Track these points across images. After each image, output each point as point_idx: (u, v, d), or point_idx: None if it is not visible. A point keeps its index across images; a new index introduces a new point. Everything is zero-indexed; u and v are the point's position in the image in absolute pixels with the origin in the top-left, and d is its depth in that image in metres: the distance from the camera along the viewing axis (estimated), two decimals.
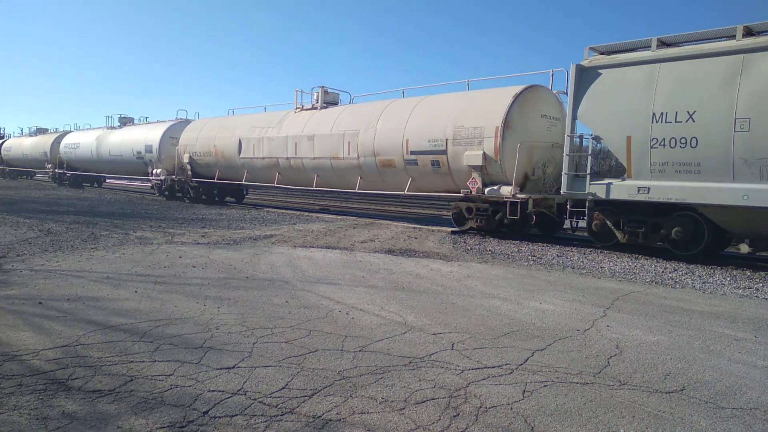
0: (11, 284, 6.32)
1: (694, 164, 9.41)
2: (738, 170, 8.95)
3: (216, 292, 6.26)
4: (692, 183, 9.42)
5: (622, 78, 10.33)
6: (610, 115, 10.40)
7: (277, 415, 3.20)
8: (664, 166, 9.74)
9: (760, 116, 8.66)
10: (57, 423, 3.02)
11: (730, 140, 8.94)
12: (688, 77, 9.47)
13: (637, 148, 10.02)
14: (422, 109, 14.02)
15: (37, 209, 16.08)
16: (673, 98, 9.60)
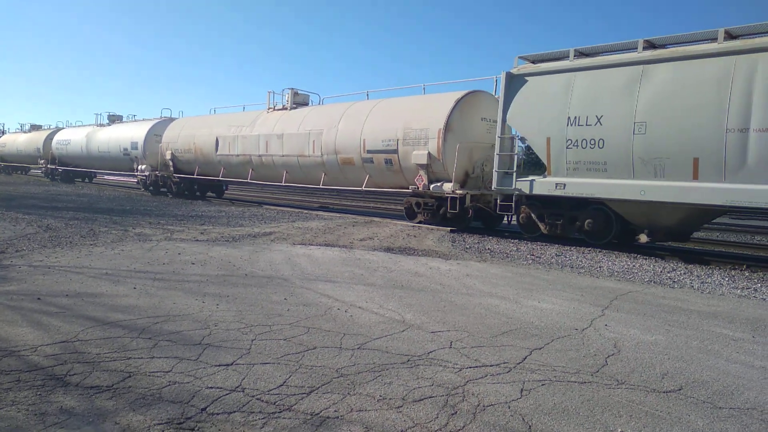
0: (10, 280, 6.32)
1: (601, 163, 10.51)
2: (637, 168, 10.04)
3: (215, 289, 6.27)
4: (600, 180, 10.53)
5: (544, 85, 11.42)
6: (534, 118, 11.49)
7: (275, 412, 3.20)
8: (578, 164, 10.83)
9: (654, 120, 9.75)
10: (55, 418, 3.02)
11: (630, 142, 10.04)
12: (597, 85, 10.59)
13: (555, 148, 11.10)
14: (378, 112, 15.13)
15: (36, 205, 16.07)
16: (585, 104, 10.67)
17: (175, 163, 22.47)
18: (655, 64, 9.95)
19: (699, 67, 9.45)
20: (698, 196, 9.36)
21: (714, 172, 9.21)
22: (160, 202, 20.07)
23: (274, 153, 17.76)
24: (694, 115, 9.36)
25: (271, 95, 19.16)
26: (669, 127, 9.64)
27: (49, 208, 15.44)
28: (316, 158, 16.37)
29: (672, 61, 9.80)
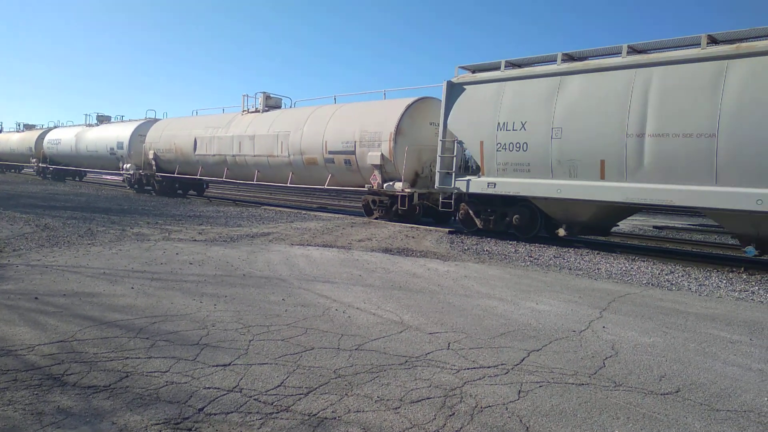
0: (7, 279, 6.31)
1: (525, 164, 11.58)
2: (554, 169, 11.12)
3: (213, 289, 6.26)
4: (525, 179, 11.62)
5: (479, 93, 12.52)
6: (470, 124, 12.56)
7: (273, 412, 3.20)
8: (506, 165, 11.91)
9: (568, 126, 10.84)
10: (52, 418, 3.02)
11: (549, 145, 11.12)
12: (523, 94, 11.68)
13: (487, 151, 12.18)
14: (339, 116, 16.29)
15: (33, 204, 16.04)
16: (512, 111, 11.76)
17: (158, 163, 23.47)
18: (570, 75, 11.04)
19: (606, 79, 10.54)
20: (604, 194, 10.46)
21: (617, 173, 10.26)
22: (158, 202, 20.05)
23: (247, 153, 18.81)
24: (601, 122, 10.42)
25: (246, 98, 20.23)
26: (580, 133, 10.70)
27: (46, 207, 15.41)
28: (283, 158, 17.46)
29: (584, 73, 10.88)
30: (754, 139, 8.75)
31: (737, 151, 8.93)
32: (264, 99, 19.91)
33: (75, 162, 30.82)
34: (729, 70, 9.11)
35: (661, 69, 9.90)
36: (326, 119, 16.37)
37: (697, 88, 9.39)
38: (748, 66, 8.98)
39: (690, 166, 9.43)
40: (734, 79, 9.03)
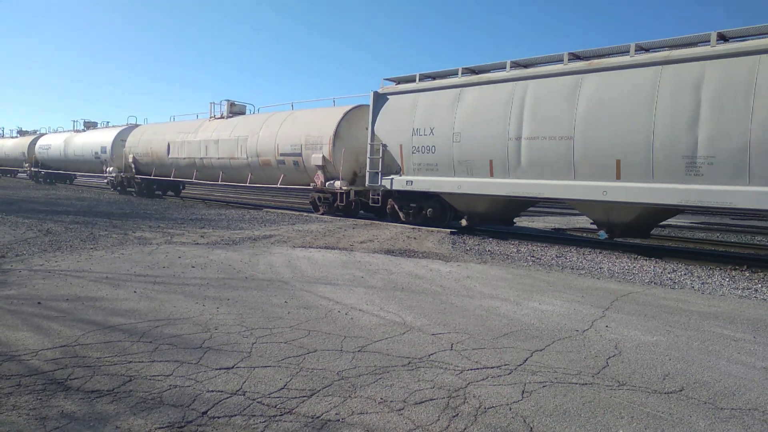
0: (10, 284, 6.32)
1: (434, 164, 13.34)
2: (456, 168, 12.87)
3: (215, 293, 6.26)
4: (434, 177, 13.38)
5: (399, 102, 14.23)
6: (392, 129, 14.26)
7: (276, 415, 3.20)
8: (420, 165, 13.67)
9: (465, 131, 12.57)
10: (56, 423, 3.02)
11: (451, 148, 12.87)
12: (432, 103, 13.37)
13: (405, 153, 13.96)
14: (289, 121, 17.95)
15: (35, 209, 16.07)
16: (424, 118, 13.48)
17: (137, 165, 25.39)
18: (468, 87, 12.75)
19: (494, 90, 12.22)
20: (492, 189, 12.25)
21: (502, 171, 12.03)
22: (160, 206, 20.08)
23: (212, 156, 20.66)
24: (489, 127, 12.10)
25: (212, 106, 22.19)
26: (475, 137, 12.40)
27: (48, 212, 15.44)
28: (243, 160, 19.24)
29: (479, 85, 12.59)
30: (598, 141, 10.46)
31: (587, 151, 10.63)
32: (228, 106, 21.74)
33: (64, 166, 32.53)
34: (583, 82, 10.77)
35: (534, 82, 11.57)
36: (278, 125, 18.12)
37: (560, 98, 11.03)
38: (596, 79, 10.63)
39: (555, 164, 11.10)
40: (586, 91, 10.69)
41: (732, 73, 9.12)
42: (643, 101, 9.96)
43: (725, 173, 9.11)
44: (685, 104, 9.48)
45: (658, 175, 9.82)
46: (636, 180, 10.09)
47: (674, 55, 9.84)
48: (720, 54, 9.32)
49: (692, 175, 9.45)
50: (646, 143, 9.86)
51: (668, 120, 9.64)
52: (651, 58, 10.14)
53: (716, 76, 9.25)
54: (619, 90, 10.31)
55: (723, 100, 9.14)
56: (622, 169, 10.20)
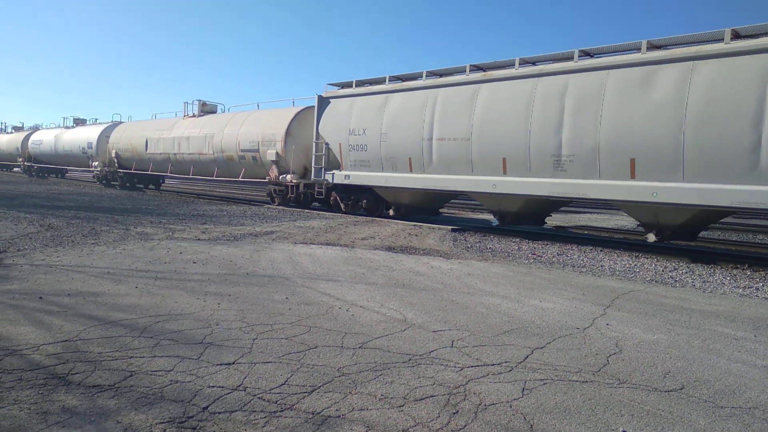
0: (12, 279, 6.33)
1: (367, 161, 14.99)
2: (384, 164, 14.55)
3: (216, 288, 6.27)
4: (367, 173, 15.05)
5: (339, 105, 15.89)
6: (333, 129, 15.95)
7: (277, 411, 3.20)
8: (356, 162, 15.32)
9: (391, 132, 14.24)
10: (57, 417, 3.03)
11: (379, 146, 14.51)
12: (365, 107, 15.03)
13: (344, 150, 15.60)
14: (249, 120, 19.60)
15: (37, 204, 16.09)
16: (359, 120, 15.04)
17: (119, 160, 27.26)
18: (393, 93, 14.45)
19: (413, 96, 13.86)
20: (411, 182, 13.99)
21: (419, 167, 13.69)
22: (161, 201, 20.12)
23: (184, 152, 22.28)
24: (409, 129, 13.76)
25: (186, 105, 23.97)
26: (398, 137, 14.06)
27: (50, 207, 15.45)
28: (210, 155, 20.96)
29: (401, 92, 14.24)
30: (489, 142, 12.14)
31: (481, 150, 12.33)
32: (200, 105, 23.61)
33: (55, 161, 34.32)
34: (479, 91, 12.42)
35: (443, 90, 13.20)
36: (240, 123, 19.86)
37: (461, 105, 12.66)
38: (489, 89, 12.27)
39: (458, 161, 12.79)
40: (481, 98, 12.30)
41: (587, 85, 10.72)
42: (522, 108, 11.60)
43: (582, 169, 10.76)
44: (553, 111, 11.13)
45: (534, 171, 11.49)
46: (518, 175, 11.79)
47: (547, 69, 11.52)
48: (580, 69, 10.93)
49: (558, 170, 11.10)
50: (525, 144, 11.53)
51: (540, 124, 11.28)
52: (530, 71, 11.78)
53: (576, 87, 10.87)
54: (505, 98, 11.99)
55: (580, 108, 10.74)
56: (508, 165, 11.94)
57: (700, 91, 9.36)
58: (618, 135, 10.22)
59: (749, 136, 8.85)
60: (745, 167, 8.92)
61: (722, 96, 9.15)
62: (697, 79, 9.41)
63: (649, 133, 9.87)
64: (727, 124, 9.07)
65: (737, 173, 9.03)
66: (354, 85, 15.78)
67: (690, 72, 9.52)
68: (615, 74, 10.40)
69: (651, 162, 9.90)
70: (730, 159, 9.08)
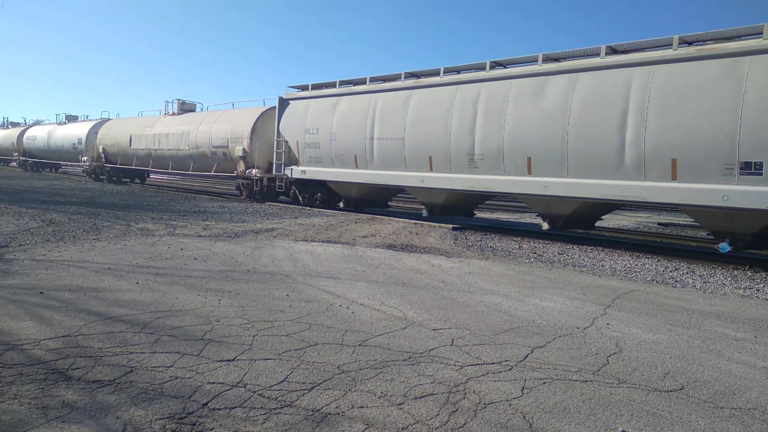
0: (13, 274, 6.34)
1: (320, 158, 16.42)
2: (334, 161, 15.98)
3: (217, 285, 6.28)
4: (321, 168, 16.53)
5: (297, 106, 17.31)
6: (292, 128, 17.31)
7: (277, 408, 3.21)
8: (311, 158, 16.75)
9: (339, 132, 15.66)
10: (57, 412, 3.03)
11: (330, 145, 15.96)
12: (318, 108, 16.48)
13: (300, 148, 16.99)
14: (222, 119, 21.05)
15: (39, 199, 16.11)
16: (313, 120, 16.49)
17: (106, 155, 28.71)
18: (341, 96, 15.90)
19: (358, 100, 15.34)
20: (357, 178, 15.38)
21: (363, 163, 15.09)
22: (163, 197, 20.14)
23: (164, 148, 23.66)
24: (355, 129, 15.15)
25: (166, 104, 25.75)
26: (345, 136, 15.47)
27: (51, 202, 15.47)
28: (186, 151, 22.31)
29: (348, 96, 15.73)
30: (418, 142, 13.57)
31: (412, 149, 13.74)
32: (179, 104, 25.12)
33: (48, 155, 35.74)
34: (411, 96, 13.89)
35: (382, 95, 14.68)
36: (213, 121, 21.29)
37: (397, 108, 14.10)
38: (419, 94, 13.74)
39: (394, 159, 14.21)
40: (413, 103, 13.80)
41: (495, 93, 12.09)
42: (444, 112, 12.97)
43: (491, 166, 12.16)
44: (468, 115, 12.49)
45: (454, 167, 12.89)
46: (441, 171, 13.20)
47: (465, 78, 12.99)
48: (490, 78, 12.38)
49: (472, 167, 12.50)
50: (446, 144, 12.93)
51: (459, 127, 12.66)
52: (451, 80, 13.22)
53: (486, 94, 12.25)
54: (431, 103, 13.39)
55: (489, 113, 12.11)
56: (433, 162, 13.31)
57: (580, 99, 10.73)
58: (518, 136, 11.60)
59: (616, 139, 10.20)
60: (613, 165, 10.28)
61: (596, 104, 10.50)
62: (579, 89, 10.80)
63: (541, 135, 11.23)
64: (600, 129, 10.42)
65: (607, 170, 10.40)
66: (310, 88, 17.27)
67: (574, 83, 10.89)
68: (516, 83, 11.81)
69: (543, 160, 11.26)
70: (602, 158, 10.45)
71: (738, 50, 9.07)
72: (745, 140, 8.78)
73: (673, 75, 9.66)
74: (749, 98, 8.74)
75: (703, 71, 9.35)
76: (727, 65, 9.10)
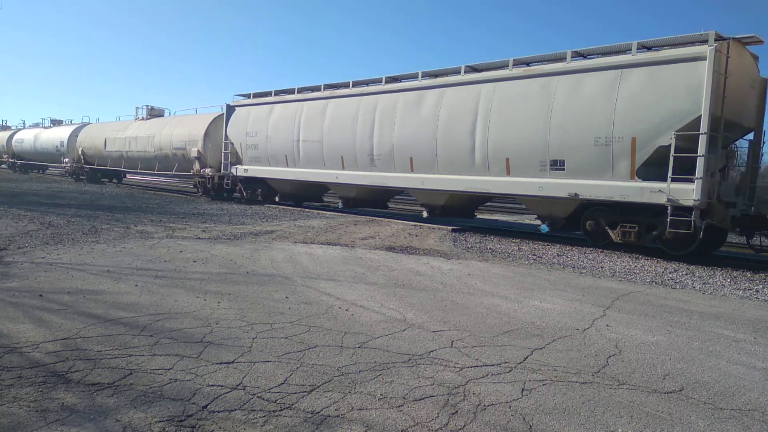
0: (12, 276, 6.33)
1: (259, 158, 18.73)
2: (270, 160, 18.32)
3: (216, 287, 6.27)
4: (260, 167, 18.81)
5: (241, 112, 19.54)
6: (237, 132, 19.53)
7: (276, 410, 3.20)
8: (252, 158, 19.03)
9: (274, 135, 17.92)
10: (56, 415, 3.03)
11: (266, 146, 18.26)
12: (257, 115, 18.74)
13: (243, 149, 19.26)
14: (182, 123, 23.42)
15: (38, 202, 16.09)
16: (253, 124, 18.77)
17: (85, 157, 31.01)
18: (275, 104, 18.25)
19: (288, 107, 17.65)
20: (287, 175, 17.80)
21: (292, 162, 17.47)
22: (162, 200, 20.17)
23: (134, 150, 26.12)
24: (286, 132, 17.45)
25: (137, 109, 27.88)
26: (278, 139, 17.75)
27: (50, 204, 15.46)
28: (152, 153, 24.63)
29: (281, 103, 18.06)
30: (333, 144, 15.89)
31: (329, 150, 16.04)
32: (148, 110, 27.33)
33: (34, 157, 37.95)
34: (328, 105, 16.24)
35: (307, 103, 17.07)
36: (174, 125, 23.71)
37: (317, 115, 16.41)
38: (334, 103, 16.08)
39: (315, 158, 16.56)
40: (329, 110, 16.09)
41: (388, 103, 14.41)
42: (351, 118, 15.28)
43: (386, 165, 14.46)
44: (369, 121, 14.78)
45: (359, 166, 15.23)
46: (351, 169, 15.53)
47: (367, 90, 15.34)
48: (384, 91, 14.73)
49: (372, 166, 14.86)
50: (353, 145, 15.21)
51: (362, 131, 14.96)
52: (357, 91, 15.54)
53: (382, 104, 14.58)
54: (342, 111, 15.70)
55: (384, 120, 14.41)
56: (345, 162, 15.64)
57: (446, 110, 13.02)
58: (403, 140, 13.96)
59: (469, 142, 12.45)
60: (468, 163, 12.58)
61: (457, 113, 12.74)
62: (445, 101, 13.09)
63: (419, 139, 13.56)
64: (459, 134, 12.68)
65: (464, 167, 12.68)
66: (251, 96, 19.65)
67: (441, 96, 13.20)
68: (403, 95, 14.16)
69: (421, 159, 13.59)
70: (461, 157, 12.70)
71: (550, 71, 11.37)
72: (553, 142, 11.01)
73: (508, 90, 11.95)
74: (556, 109, 10.97)
75: (528, 88, 11.63)
76: (543, 83, 11.34)
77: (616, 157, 10.21)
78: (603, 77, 10.50)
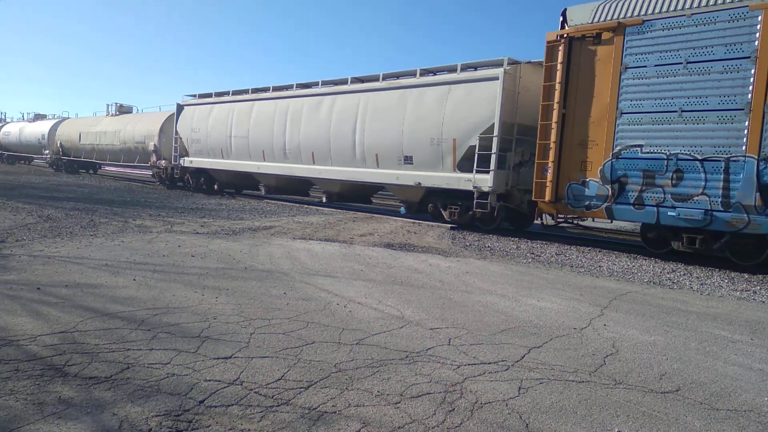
0: (10, 269, 6.32)
1: (201, 151, 21.44)
2: (209, 153, 20.99)
3: (214, 282, 6.27)
4: (202, 159, 21.43)
5: (188, 111, 22.11)
6: (184, 128, 22.13)
7: (273, 406, 3.21)
8: (196, 151, 21.71)
9: (212, 130, 20.77)
10: (53, 408, 3.03)
11: (207, 140, 20.87)
12: (201, 113, 21.33)
13: (189, 143, 22.27)
14: (143, 120, 26.54)
15: (36, 195, 16.07)
16: (197, 122, 21.29)
17: (63, 150, 33.75)
18: (214, 105, 20.90)
19: (224, 108, 20.27)
20: (221, 166, 20.56)
21: (226, 155, 20.20)
22: (161, 194, 20.15)
23: (103, 143, 29.00)
24: (221, 130, 20.17)
25: (108, 106, 30.87)
26: (216, 134, 20.39)
27: (49, 198, 15.44)
28: (118, 146, 27.49)
29: (219, 104, 20.63)
30: (256, 139, 18.72)
31: (254, 145, 18.82)
32: (117, 107, 30.22)
33: (19, 149, 40.86)
34: (254, 106, 19.00)
35: (237, 104, 19.77)
36: (137, 122, 26.67)
37: (245, 114, 19.16)
38: (258, 105, 18.88)
39: (243, 151, 19.37)
40: (254, 111, 18.86)
41: (296, 106, 17.25)
42: (270, 118, 18.09)
43: (295, 158, 17.30)
44: (282, 121, 17.61)
45: (277, 159, 18.06)
46: (270, 161, 18.35)
47: (281, 94, 18.16)
48: (294, 95, 17.62)
49: (285, 158, 17.70)
50: (270, 141, 18.10)
51: (277, 129, 17.78)
52: (275, 95, 18.39)
53: (292, 107, 17.41)
54: (263, 112, 18.49)
55: (294, 120, 17.24)
56: (265, 154, 18.49)
57: (336, 113, 15.88)
58: (307, 138, 16.80)
59: (352, 140, 15.34)
60: (351, 157, 15.47)
61: (344, 117, 15.60)
62: (336, 106, 15.96)
63: (318, 137, 16.38)
64: (345, 133, 15.57)
65: (349, 161, 15.57)
66: (197, 96, 22.23)
67: (334, 101, 16.08)
68: (308, 100, 16.93)
69: (320, 154, 16.43)
70: (346, 152, 15.58)
71: (405, 85, 14.35)
72: (405, 142, 13.96)
73: (378, 99, 14.86)
74: (407, 115, 13.90)
75: (390, 98, 14.54)
76: (400, 94, 14.28)
77: (444, 154, 13.16)
78: (438, 91, 13.43)
